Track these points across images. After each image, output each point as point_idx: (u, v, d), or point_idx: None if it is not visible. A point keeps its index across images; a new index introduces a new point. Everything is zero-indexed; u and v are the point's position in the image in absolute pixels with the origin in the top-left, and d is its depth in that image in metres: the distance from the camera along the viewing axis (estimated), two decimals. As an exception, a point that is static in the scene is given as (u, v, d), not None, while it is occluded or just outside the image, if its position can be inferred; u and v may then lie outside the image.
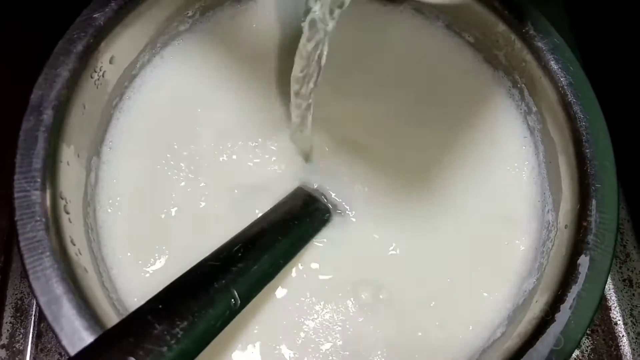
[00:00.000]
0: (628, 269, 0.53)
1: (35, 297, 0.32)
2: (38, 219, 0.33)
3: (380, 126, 0.45)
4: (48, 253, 0.33)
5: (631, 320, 0.51)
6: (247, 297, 0.33)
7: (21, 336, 0.49)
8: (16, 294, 0.50)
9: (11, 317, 0.49)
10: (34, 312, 0.50)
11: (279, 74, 0.45)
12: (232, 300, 0.32)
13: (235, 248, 0.35)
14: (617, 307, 0.51)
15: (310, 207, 0.41)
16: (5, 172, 0.53)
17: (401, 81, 0.46)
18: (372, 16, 0.48)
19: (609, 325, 0.51)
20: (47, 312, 0.32)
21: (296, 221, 0.39)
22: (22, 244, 0.33)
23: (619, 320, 0.51)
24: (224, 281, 0.32)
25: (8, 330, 0.49)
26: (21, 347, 0.49)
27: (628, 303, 0.51)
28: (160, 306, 0.29)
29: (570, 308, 0.34)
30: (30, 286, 0.32)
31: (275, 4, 0.47)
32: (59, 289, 0.32)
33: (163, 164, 0.42)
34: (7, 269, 0.51)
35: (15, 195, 0.34)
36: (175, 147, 0.43)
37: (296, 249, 0.39)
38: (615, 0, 0.54)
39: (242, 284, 0.33)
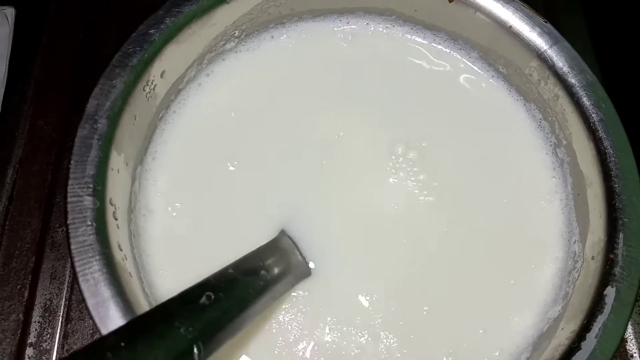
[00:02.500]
0: (642, 303, 0.53)
1: (83, 299, 0.33)
2: (89, 223, 0.34)
3: (407, 152, 0.46)
4: (98, 257, 0.34)
5: (646, 353, 0.52)
6: (212, 348, 0.31)
7: (48, 336, 0.50)
8: (45, 295, 0.51)
9: (40, 317, 0.50)
10: (61, 313, 0.51)
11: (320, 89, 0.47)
12: (196, 349, 0.30)
13: (204, 295, 0.33)
14: (634, 340, 0.52)
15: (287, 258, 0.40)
16: (40, 177, 0.55)
17: (430, 111, 0.48)
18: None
19: (625, 357, 0.51)
20: (94, 314, 0.33)
21: (270, 272, 0.38)
22: (73, 247, 0.34)
23: (635, 352, 0.52)
24: (190, 328, 0.30)
25: (36, 330, 0.50)
26: (48, 347, 0.49)
27: (644, 336, 0.52)
28: (122, 343, 0.27)
29: (596, 337, 0.35)
30: (79, 288, 0.33)
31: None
32: (106, 292, 0.33)
33: (202, 178, 0.44)
34: (38, 270, 0.52)
35: (69, 199, 0.35)
36: (215, 163, 0.44)
37: (269, 301, 0.38)
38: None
39: (207, 333, 0.31)
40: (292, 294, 0.40)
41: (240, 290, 0.35)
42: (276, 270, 0.38)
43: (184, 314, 0.31)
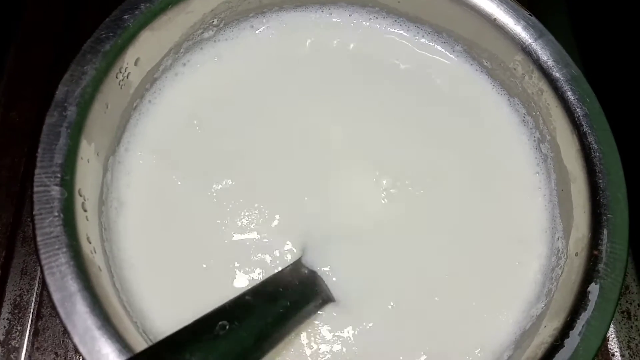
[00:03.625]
0: (627, 301, 0.53)
1: (49, 292, 0.32)
2: (57, 214, 0.33)
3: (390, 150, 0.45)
4: (65, 249, 0.32)
5: (628, 353, 0.51)
6: None
7: (18, 333, 0.48)
8: (15, 290, 0.50)
9: (9, 313, 0.49)
10: (32, 310, 0.49)
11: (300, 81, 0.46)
12: None
13: (218, 324, 0.31)
14: (615, 339, 0.52)
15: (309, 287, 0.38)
16: (12, 170, 0.53)
17: (413, 106, 0.47)
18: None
19: (607, 356, 0.51)
20: (60, 309, 0.31)
21: (289, 298, 0.36)
22: (39, 238, 0.32)
23: (617, 352, 0.51)
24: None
25: (5, 327, 0.48)
26: (17, 345, 0.48)
27: (626, 335, 0.52)
28: None
29: (579, 334, 0.34)
30: (44, 281, 0.32)
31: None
32: (73, 286, 0.32)
33: (177, 169, 0.42)
34: (8, 265, 0.50)
35: (35, 189, 0.33)
36: (191, 154, 0.43)
37: (289, 330, 0.36)
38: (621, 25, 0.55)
39: None
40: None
41: (257, 319, 0.34)
42: (297, 297, 0.36)
43: (197, 346, 0.30)
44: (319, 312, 0.38)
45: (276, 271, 0.38)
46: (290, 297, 0.36)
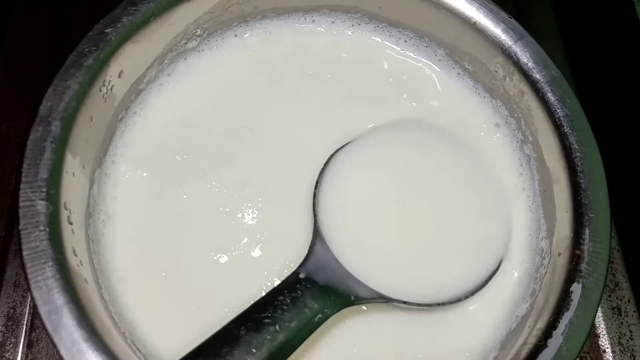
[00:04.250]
0: (617, 298, 0.53)
1: (36, 306, 0.32)
2: (42, 228, 0.33)
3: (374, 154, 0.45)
4: (51, 263, 0.33)
5: (619, 349, 0.52)
6: None
7: (12, 345, 0.48)
8: (9, 303, 0.50)
9: (2, 325, 0.49)
10: (25, 322, 0.49)
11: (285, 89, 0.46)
12: None
13: None
14: (606, 335, 0.52)
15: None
16: (3, 182, 0.54)
17: (397, 109, 0.47)
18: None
19: (598, 352, 0.51)
20: (47, 322, 0.32)
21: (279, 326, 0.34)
22: (24, 253, 0.33)
23: (607, 348, 0.52)
24: None
25: (-1, 340, 0.49)
26: (11, 357, 0.48)
27: (616, 331, 0.52)
28: None
29: (562, 334, 0.35)
30: (31, 295, 0.32)
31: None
32: (60, 299, 0.32)
33: (164, 181, 0.43)
34: (1, 277, 0.51)
35: (21, 204, 0.34)
36: (178, 165, 0.43)
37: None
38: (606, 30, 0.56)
39: None
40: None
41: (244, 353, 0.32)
42: (288, 317, 0.34)
43: None
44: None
45: (263, 294, 0.36)
46: (279, 321, 0.34)
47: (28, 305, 0.50)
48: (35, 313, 0.49)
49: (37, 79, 0.58)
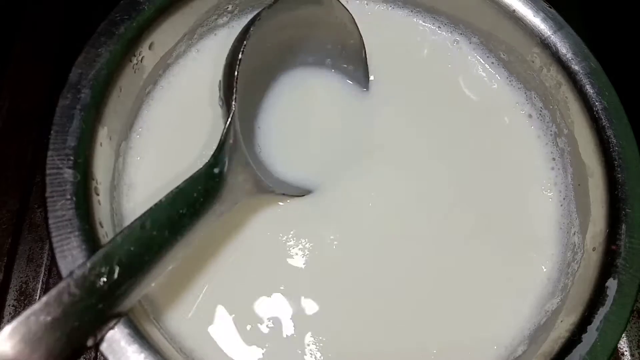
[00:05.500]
0: (638, 300, 0.52)
1: (60, 277, 0.31)
2: (69, 197, 0.32)
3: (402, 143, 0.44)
4: (77, 233, 0.32)
5: (638, 352, 0.51)
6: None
7: (23, 320, 0.48)
8: (21, 277, 0.49)
9: (14, 300, 0.48)
10: (38, 297, 0.48)
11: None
12: None
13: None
14: (625, 338, 0.51)
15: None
16: (19, 156, 0.53)
17: (428, 98, 0.46)
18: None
19: (616, 356, 0.50)
20: (71, 293, 0.31)
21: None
22: (50, 221, 0.32)
23: (626, 351, 0.51)
24: None
25: (10, 314, 0.48)
26: (22, 332, 0.47)
27: (636, 334, 0.51)
28: None
29: (597, 330, 0.34)
30: (56, 264, 0.31)
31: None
32: (85, 270, 0.31)
33: (188, 157, 0.42)
34: (14, 252, 0.50)
35: (48, 171, 0.33)
36: (202, 141, 0.42)
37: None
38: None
39: None
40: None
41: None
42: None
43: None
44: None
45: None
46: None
47: (41, 280, 0.49)
48: (47, 289, 0.49)
49: (51, 56, 0.57)
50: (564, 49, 0.41)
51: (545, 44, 0.42)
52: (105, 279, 0.28)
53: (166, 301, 0.37)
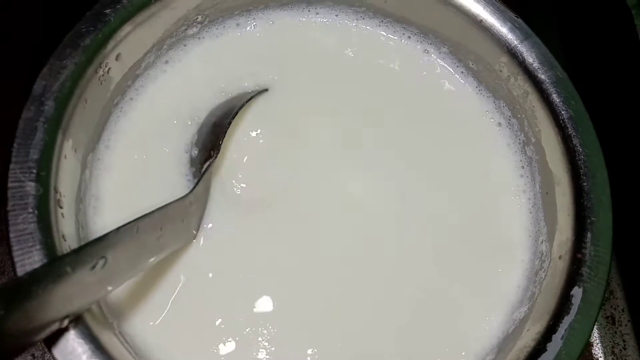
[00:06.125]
0: (611, 307, 0.53)
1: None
2: (31, 210, 0.32)
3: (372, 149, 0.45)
4: (38, 247, 0.32)
5: (612, 358, 0.51)
6: None
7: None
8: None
9: (-16, 313, 0.48)
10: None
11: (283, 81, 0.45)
12: None
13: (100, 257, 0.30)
14: (600, 344, 0.51)
15: None
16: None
17: (398, 106, 0.46)
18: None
19: (591, 361, 0.51)
20: (32, 307, 0.30)
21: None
22: (12, 235, 0.32)
23: (601, 357, 0.51)
24: None
25: (-21, 327, 0.47)
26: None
27: (610, 340, 0.52)
28: None
29: (562, 338, 0.34)
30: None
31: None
32: (46, 284, 0.31)
33: (157, 169, 0.41)
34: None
35: (9, 185, 0.33)
36: (170, 154, 0.42)
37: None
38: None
39: None
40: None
41: (131, 253, 0.32)
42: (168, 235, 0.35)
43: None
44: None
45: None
46: (165, 232, 0.35)
47: (12, 293, 0.48)
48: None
49: (28, 65, 0.57)
50: (530, 58, 0.42)
51: (512, 54, 0.42)
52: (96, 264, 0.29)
53: (131, 309, 0.37)
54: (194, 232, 0.39)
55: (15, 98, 0.54)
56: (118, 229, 0.31)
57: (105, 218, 0.39)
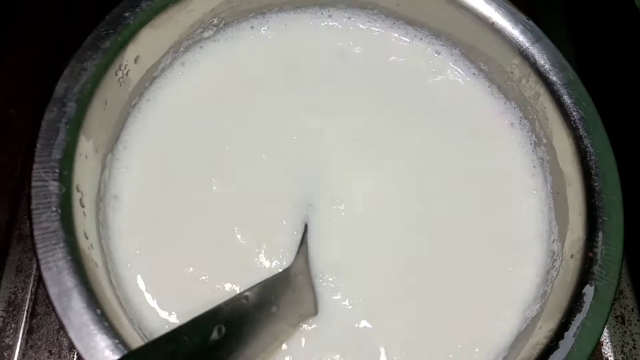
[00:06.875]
0: (621, 306, 0.53)
1: (45, 287, 0.32)
2: (54, 209, 0.33)
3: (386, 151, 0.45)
4: (62, 244, 0.32)
5: (622, 357, 0.51)
6: None
7: (12, 331, 0.48)
8: (10, 288, 0.49)
9: (3, 311, 0.49)
10: (26, 308, 0.49)
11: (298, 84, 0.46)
12: None
13: (215, 327, 0.30)
14: (609, 343, 0.52)
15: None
16: (8, 167, 0.53)
17: (410, 107, 0.47)
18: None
19: (601, 360, 0.51)
20: (56, 304, 0.31)
21: (280, 307, 0.35)
22: (36, 233, 0.32)
23: (610, 356, 0.51)
24: None
25: (-1, 324, 0.48)
26: (11, 342, 0.48)
27: (620, 340, 0.52)
28: None
29: (574, 336, 0.34)
30: (41, 276, 0.32)
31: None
32: (70, 281, 0.32)
33: (174, 169, 0.42)
34: (3, 262, 0.50)
35: (33, 184, 0.33)
36: (188, 153, 0.43)
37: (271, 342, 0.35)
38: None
39: None
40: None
41: (250, 326, 0.33)
42: (287, 304, 0.36)
43: (191, 352, 0.29)
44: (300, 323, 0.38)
45: (269, 276, 0.37)
46: (279, 303, 0.35)
47: (30, 291, 0.49)
48: (36, 299, 0.49)
49: (44, 65, 0.58)
50: (542, 60, 0.42)
51: (524, 56, 0.43)
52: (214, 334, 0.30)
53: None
54: (313, 307, 0.38)
55: (29, 97, 0.56)
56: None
57: (124, 217, 0.40)
